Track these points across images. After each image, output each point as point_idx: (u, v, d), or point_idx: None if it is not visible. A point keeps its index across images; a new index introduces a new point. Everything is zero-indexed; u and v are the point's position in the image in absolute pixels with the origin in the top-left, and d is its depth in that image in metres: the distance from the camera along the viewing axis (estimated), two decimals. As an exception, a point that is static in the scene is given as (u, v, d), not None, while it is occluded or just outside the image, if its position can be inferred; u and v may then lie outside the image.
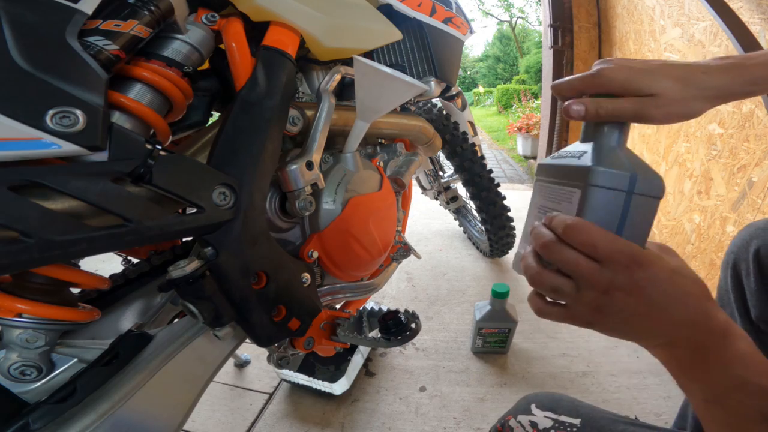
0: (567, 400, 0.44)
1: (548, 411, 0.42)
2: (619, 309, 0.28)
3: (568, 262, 0.29)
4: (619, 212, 0.30)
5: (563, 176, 0.33)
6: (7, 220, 0.27)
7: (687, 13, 1.36)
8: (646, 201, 0.30)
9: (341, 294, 0.62)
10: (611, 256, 0.28)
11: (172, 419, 0.43)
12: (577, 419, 0.41)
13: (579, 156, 0.33)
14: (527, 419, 0.42)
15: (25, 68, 0.28)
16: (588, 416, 0.41)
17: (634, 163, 0.31)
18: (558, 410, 0.42)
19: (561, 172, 0.34)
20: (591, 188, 0.30)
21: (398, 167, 0.76)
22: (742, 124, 1.13)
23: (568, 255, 0.29)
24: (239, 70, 0.43)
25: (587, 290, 0.29)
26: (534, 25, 18.03)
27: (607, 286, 0.28)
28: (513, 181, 3.79)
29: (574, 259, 0.29)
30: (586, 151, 0.32)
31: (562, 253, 0.29)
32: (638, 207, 0.30)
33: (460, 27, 0.84)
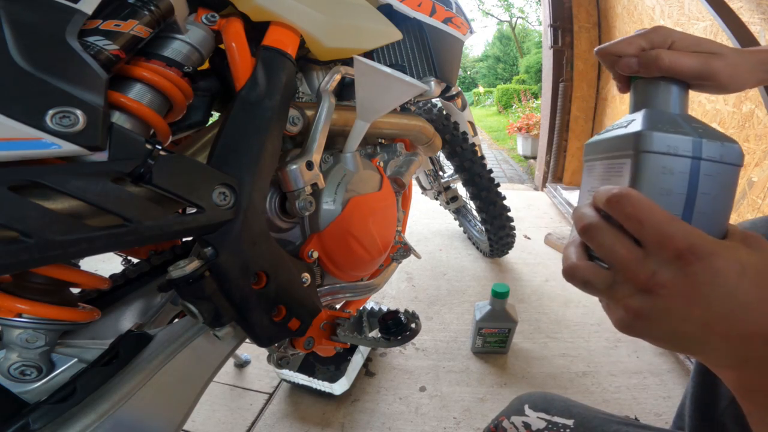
0: (560, 401, 0.43)
1: (541, 412, 0.42)
2: (665, 313, 0.22)
3: (603, 245, 0.24)
4: (684, 187, 0.23)
5: (612, 149, 0.28)
6: (7, 220, 0.27)
7: (687, 13, 1.36)
8: (719, 170, 0.23)
9: (341, 294, 0.62)
10: (660, 240, 0.22)
11: (172, 419, 0.43)
12: (570, 420, 0.40)
13: (628, 125, 0.27)
14: (520, 420, 0.42)
15: (25, 68, 0.28)
16: (581, 416, 0.40)
17: (699, 127, 0.25)
18: (551, 411, 0.42)
19: (609, 145, 0.28)
20: (643, 155, 0.24)
21: (398, 167, 0.76)
22: (742, 124, 1.13)
23: (605, 236, 0.24)
24: (239, 70, 0.43)
25: (622, 285, 0.24)
26: (534, 25, 18.05)
27: (647, 281, 0.22)
28: (513, 181, 3.79)
29: (611, 243, 0.24)
30: (635, 119, 0.27)
31: (599, 235, 0.24)
32: (709, 178, 0.23)
33: (460, 27, 0.84)
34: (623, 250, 0.23)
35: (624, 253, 0.23)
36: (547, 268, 1.52)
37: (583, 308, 1.27)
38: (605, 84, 2.07)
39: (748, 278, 0.21)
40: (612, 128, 0.29)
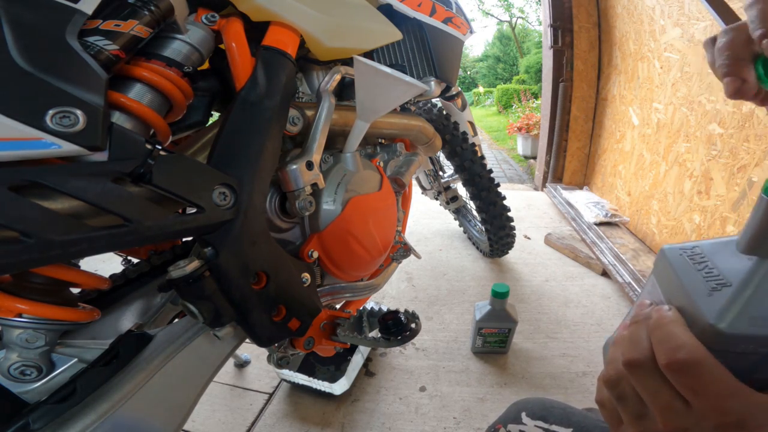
0: (559, 408, 0.42)
1: (539, 420, 0.41)
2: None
3: (645, 388, 0.23)
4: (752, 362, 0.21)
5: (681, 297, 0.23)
6: (7, 220, 0.27)
7: (687, 13, 1.36)
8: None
9: (341, 294, 0.62)
10: (710, 411, 0.20)
11: (172, 419, 0.43)
12: (568, 428, 0.39)
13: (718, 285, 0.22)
14: (517, 428, 0.41)
15: (25, 68, 0.28)
16: (580, 425, 0.39)
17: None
18: (549, 419, 0.40)
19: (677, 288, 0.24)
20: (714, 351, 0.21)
21: (398, 167, 0.76)
22: (742, 124, 1.13)
23: (650, 379, 0.22)
24: (239, 70, 0.43)
25: (648, 421, 0.23)
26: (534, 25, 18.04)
27: (675, 431, 0.21)
28: (513, 181, 3.79)
29: (655, 388, 0.22)
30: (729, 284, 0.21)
31: (645, 377, 0.23)
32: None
33: (460, 27, 0.84)
34: (666, 399, 0.22)
35: (665, 402, 0.22)
36: (547, 268, 1.52)
37: (583, 308, 1.27)
38: (605, 84, 2.07)
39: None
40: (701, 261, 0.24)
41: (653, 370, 0.22)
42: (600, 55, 2.10)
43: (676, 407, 0.21)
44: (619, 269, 1.38)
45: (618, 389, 0.25)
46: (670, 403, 0.21)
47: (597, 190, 2.14)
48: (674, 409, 0.21)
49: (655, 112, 1.59)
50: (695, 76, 1.34)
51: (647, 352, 0.23)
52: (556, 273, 1.49)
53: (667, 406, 0.22)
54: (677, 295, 0.24)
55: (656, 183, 1.57)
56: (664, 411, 0.22)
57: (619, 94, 1.92)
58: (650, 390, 0.22)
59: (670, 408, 0.22)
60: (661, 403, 0.22)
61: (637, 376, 0.23)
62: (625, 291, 1.29)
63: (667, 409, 0.22)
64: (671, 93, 1.48)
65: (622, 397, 0.24)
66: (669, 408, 0.22)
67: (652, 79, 1.61)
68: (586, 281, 1.43)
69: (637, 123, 1.74)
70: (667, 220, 1.48)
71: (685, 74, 1.39)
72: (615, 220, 1.73)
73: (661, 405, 0.22)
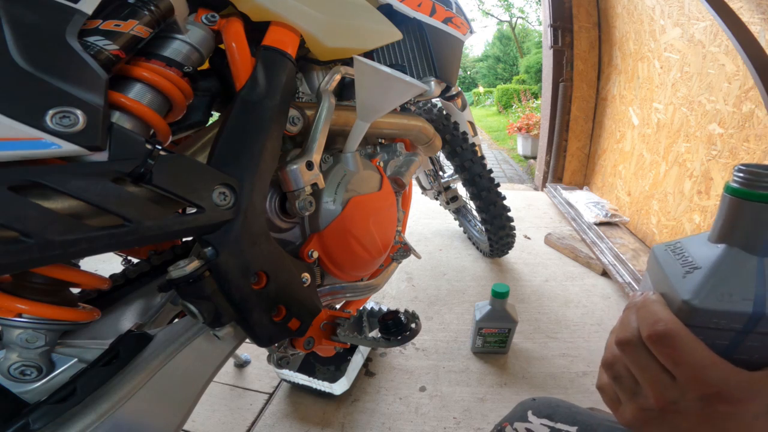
0: (564, 407, 0.43)
1: (545, 418, 0.42)
2: (673, 428, 0.24)
3: (635, 363, 0.25)
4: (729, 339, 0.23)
5: (664, 284, 0.26)
6: (7, 220, 0.27)
7: (687, 13, 1.36)
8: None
9: (341, 294, 0.62)
10: (692, 381, 0.23)
11: (172, 419, 0.43)
12: (573, 427, 0.40)
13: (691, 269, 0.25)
14: (523, 426, 0.42)
15: (25, 68, 0.28)
16: (585, 423, 0.40)
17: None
18: (555, 417, 0.41)
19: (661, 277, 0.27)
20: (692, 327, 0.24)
21: (398, 167, 0.76)
22: (742, 124, 1.13)
23: (639, 356, 0.25)
24: (239, 70, 0.43)
25: (642, 398, 0.25)
26: (534, 25, 18.04)
27: (666, 406, 0.24)
28: (513, 181, 3.79)
29: (643, 363, 0.25)
30: (700, 267, 0.24)
31: (634, 352, 0.25)
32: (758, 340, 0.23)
33: (460, 27, 0.84)
34: (654, 373, 0.24)
35: (653, 376, 0.24)
36: (547, 268, 1.52)
37: (583, 308, 1.27)
38: (605, 84, 2.07)
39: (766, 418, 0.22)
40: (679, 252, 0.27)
41: (641, 346, 0.25)
42: (600, 55, 2.10)
43: (663, 381, 0.24)
44: (619, 269, 1.39)
45: (614, 370, 0.27)
46: (658, 377, 0.24)
47: (597, 190, 2.14)
48: (662, 383, 0.24)
49: (655, 112, 1.59)
50: (695, 76, 1.34)
51: (635, 331, 0.25)
52: (556, 273, 1.49)
53: (655, 380, 0.24)
54: (661, 283, 0.27)
55: (656, 183, 1.57)
56: (654, 385, 0.24)
57: (619, 94, 1.92)
58: (640, 365, 0.25)
59: (658, 381, 0.24)
60: (650, 378, 0.24)
61: (628, 354, 0.26)
62: (625, 291, 1.29)
63: (655, 383, 0.24)
64: (671, 93, 1.48)
65: (618, 377, 0.27)
66: (657, 381, 0.24)
67: (652, 79, 1.61)
68: (586, 281, 1.43)
69: (637, 123, 1.74)
70: (667, 220, 1.48)
71: (685, 74, 1.39)
72: (615, 220, 1.73)
73: (650, 379, 0.24)
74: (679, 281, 0.25)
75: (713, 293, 0.23)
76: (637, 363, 0.25)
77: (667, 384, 0.24)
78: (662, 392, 0.24)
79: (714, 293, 0.23)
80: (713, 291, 0.23)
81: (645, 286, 0.30)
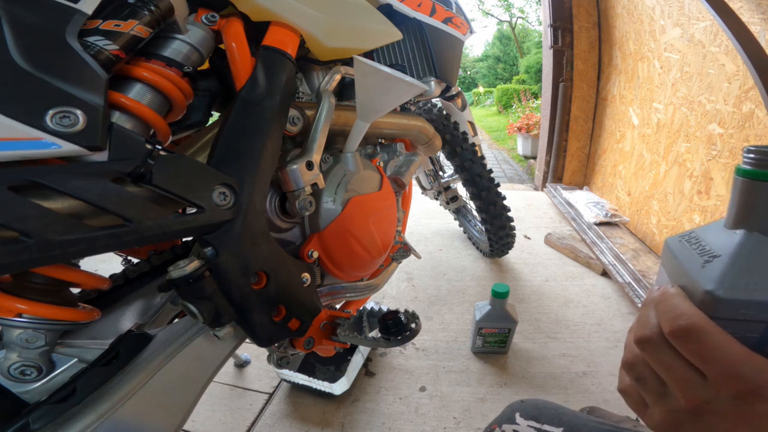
0: (551, 408, 0.43)
1: (531, 420, 0.42)
2: (709, 430, 0.22)
3: (659, 363, 0.23)
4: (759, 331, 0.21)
5: (682, 277, 0.25)
6: (7, 220, 0.27)
7: (687, 13, 1.36)
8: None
9: (341, 294, 0.62)
10: (725, 378, 0.21)
11: (172, 419, 0.43)
12: (559, 428, 0.40)
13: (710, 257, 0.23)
14: (511, 428, 0.42)
15: (25, 68, 0.28)
16: (570, 424, 0.40)
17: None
18: (541, 419, 0.42)
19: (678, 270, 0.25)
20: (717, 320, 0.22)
21: (398, 167, 0.76)
22: (742, 124, 1.13)
23: (662, 354, 0.23)
24: (239, 70, 0.43)
25: (670, 399, 0.23)
26: (534, 25, 18.03)
27: (697, 406, 0.21)
28: (513, 181, 3.79)
29: (669, 362, 0.22)
30: (719, 255, 0.23)
31: (657, 351, 0.23)
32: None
33: (460, 27, 0.84)
34: (680, 372, 0.22)
35: (680, 375, 0.22)
36: (547, 268, 1.52)
37: (583, 308, 1.27)
38: (605, 84, 2.07)
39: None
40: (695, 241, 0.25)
41: (663, 343, 0.23)
42: (600, 55, 2.10)
43: (692, 379, 0.21)
44: (619, 269, 1.39)
45: (636, 371, 0.25)
46: (686, 376, 0.22)
47: (597, 190, 2.14)
48: (691, 382, 0.21)
49: (655, 112, 1.59)
50: (695, 76, 1.34)
51: (655, 328, 0.23)
52: (556, 273, 1.49)
53: (683, 379, 0.22)
54: (678, 275, 0.25)
55: (656, 183, 1.57)
56: (682, 385, 0.22)
57: (619, 94, 1.92)
58: (664, 365, 0.23)
59: (686, 381, 0.22)
60: (677, 377, 0.22)
61: (650, 353, 0.23)
62: (625, 291, 1.29)
63: (684, 383, 0.22)
64: (671, 93, 1.48)
65: (641, 378, 0.25)
66: (685, 381, 0.22)
67: (652, 79, 1.61)
68: (586, 281, 1.43)
69: (637, 123, 1.74)
70: (667, 220, 1.48)
71: (685, 74, 1.39)
72: (615, 220, 1.73)
73: (677, 379, 0.22)
74: (698, 271, 0.23)
75: (738, 282, 0.21)
76: (661, 362, 0.23)
77: (696, 383, 0.21)
78: (692, 392, 0.21)
79: (738, 282, 0.21)
80: (737, 279, 0.21)
81: (661, 281, 0.28)
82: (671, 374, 0.22)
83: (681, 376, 0.22)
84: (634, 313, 1.24)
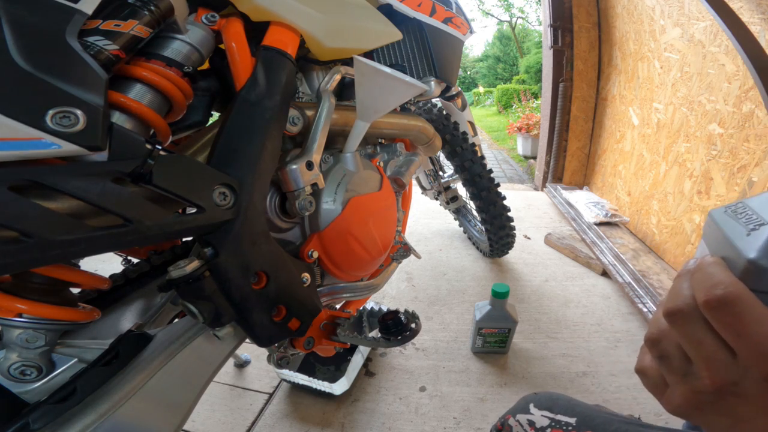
0: (564, 400, 0.44)
1: (545, 410, 0.43)
2: (731, 416, 0.21)
3: (688, 337, 0.21)
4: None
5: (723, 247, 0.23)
6: (7, 220, 0.27)
7: (687, 13, 1.36)
8: None
9: (341, 294, 0.62)
10: (757, 357, 0.19)
11: (172, 419, 0.43)
12: (572, 418, 0.41)
13: (757, 226, 0.21)
14: (525, 418, 0.43)
15: (25, 68, 0.28)
16: (583, 415, 0.41)
17: None
18: (555, 409, 0.43)
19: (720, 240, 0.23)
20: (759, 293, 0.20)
21: (398, 167, 0.76)
22: (742, 124, 1.13)
23: (694, 329, 0.21)
24: (239, 70, 0.43)
25: (694, 379, 0.21)
26: (534, 25, 18.03)
27: (723, 386, 0.20)
28: (513, 181, 3.79)
29: (699, 337, 0.21)
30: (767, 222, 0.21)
31: (688, 325, 0.21)
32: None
33: (460, 27, 0.84)
34: (710, 349, 0.20)
35: (709, 351, 0.20)
36: (547, 268, 1.52)
37: (583, 308, 1.27)
38: (605, 84, 2.07)
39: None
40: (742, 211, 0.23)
41: (695, 317, 0.21)
42: (600, 55, 2.10)
43: (721, 358, 0.20)
44: (619, 269, 1.39)
45: (660, 348, 0.23)
46: (715, 353, 0.20)
47: (597, 190, 2.14)
48: (720, 360, 0.20)
49: (655, 112, 1.59)
50: (695, 76, 1.34)
51: (689, 300, 0.21)
52: (556, 273, 1.49)
53: (712, 357, 0.20)
54: (720, 246, 0.23)
55: (656, 183, 1.57)
56: (710, 363, 0.20)
57: (619, 94, 1.92)
58: (693, 340, 0.21)
59: (715, 359, 0.20)
60: (705, 354, 0.21)
61: (679, 326, 0.22)
62: (625, 291, 1.29)
63: (712, 361, 0.20)
64: (671, 93, 1.48)
65: (665, 355, 0.23)
66: (714, 359, 0.20)
67: (652, 79, 1.61)
68: (586, 281, 1.43)
69: (637, 123, 1.74)
70: (667, 220, 1.48)
71: (685, 74, 1.39)
72: (615, 220, 1.73)
73: (705, 356, 0.21)
74: (742, 239, 0.21)
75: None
76: (690, 336, 0.21)
77: (726, 361, 0.20)
78: (720, 371, 0.20)
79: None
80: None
81: (701, 254, 0.26)
82: (700, 350, 0.21)
83: (710, 353, 0.20)
84: (634, 313, 1.24)
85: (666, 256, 1.46)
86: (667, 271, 1.35)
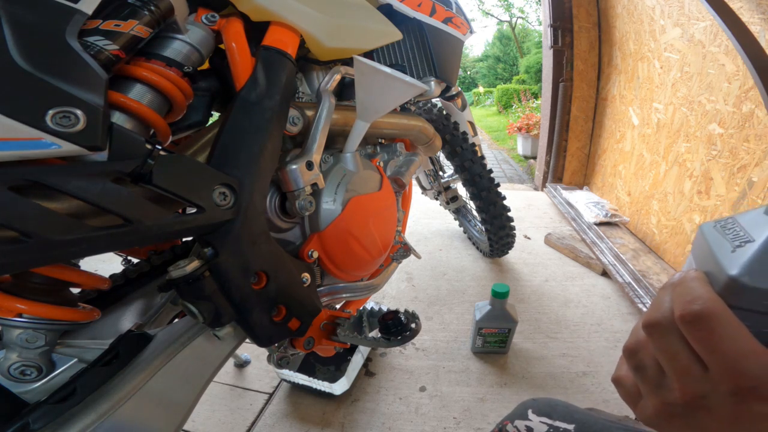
0: (562, 406, 0.44)
1: (544, 416, 0.43)
2: (698, 427, 0.21)
3: (664, 350, 0.22)
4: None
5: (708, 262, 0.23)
6: (7, 220, 0.27)
7: (687, 13, 1.36)
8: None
9: (341, 294, 0.62)
10: (725, 373, 0.19)
11: (172, 419, 0.43)
12: (571, 424, 0.41)
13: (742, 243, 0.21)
14: (523, 424, 0.43)
15: (25, 68, 0.28)
16: (582, 422, 0.41)
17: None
18: (553, 416, 0.42)
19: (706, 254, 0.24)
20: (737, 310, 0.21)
21: (398, 167, 0.76)
22: (742, 124, 1.13)
23: (669, 342, 0.22)
24: (239, 70, 0.43)
25: (666, 391, 0.22)
26: (534, 25, 18.03)
27: (692, 400, 0.21)
28: (513, 181, 3.79)
29: (674, 350, 0.21)
30: (753, 240, 0.21)
31: (665, 339, 0.22)
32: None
33: (460, 27, 0.84)
34: (683, 362, 0.21)
35: (682, 364, 0.21)
36: (547, 268, 1.52)
37: (583, 308, 1.27)
38: (605, 84, 2.07)
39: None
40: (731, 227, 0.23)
41: (672, 329, 0.21)
42: (600, 55, 2.10)
43: (693, 371, 0.21)
44: (619, 269, 1.39)
45: (636, 358, 0.24)
46: (688, 367, 0.21)
47: (597, 190, 2.14)
48: (692, 374, 0.21)
49: (655, 112, 1.59)
50: (695, 76, 1.34)
51: (667, 313, 0.22)
52: (556, 273, 1.49)
53: (684, 370, 0.21)
54: (706, 261, 0.23)
55: (656, 183, 1.57)
56: (682, 375, 0.21)
57: (619, 94, 1.92)
58: (669, 352, 0.22)
59: (687, 372, 0.21)
60: (679, 367, 0.21)
61: (656, 338, 0.22)
62: (625, 291, 1.29)
63: (684, 373, 0.21)
64: (671, 93, 1.48)
65: (641, 366, 0.24)
66: (687, 372, 0.21)
67: (652, 79, 1.61)
68: (586, 281, 1.43)
69: (637, 123, 1.74)
70: (667, 220, 1.48)
71: (685, 74, 1.39)
72: (615, 220, 1.73)
73: (679, 369, 0.21)
74: (726, 256, 0.21)
75: (766, 269, 0.19)
76: (666, 349, 0.22)
77: (697, 375, 0.20)
78: (690, 384, 0.21)
79: (767, 269, 0.19)
80: (766, 267, 0.19)
81: (688, 267, 0.26)
82: (673, 363, 0.21)
83: (683, 366, 0.21)
84: (634, 313, 1.24)
85: (666, 256, 1.46)
86: (667, 272, 1.35)
